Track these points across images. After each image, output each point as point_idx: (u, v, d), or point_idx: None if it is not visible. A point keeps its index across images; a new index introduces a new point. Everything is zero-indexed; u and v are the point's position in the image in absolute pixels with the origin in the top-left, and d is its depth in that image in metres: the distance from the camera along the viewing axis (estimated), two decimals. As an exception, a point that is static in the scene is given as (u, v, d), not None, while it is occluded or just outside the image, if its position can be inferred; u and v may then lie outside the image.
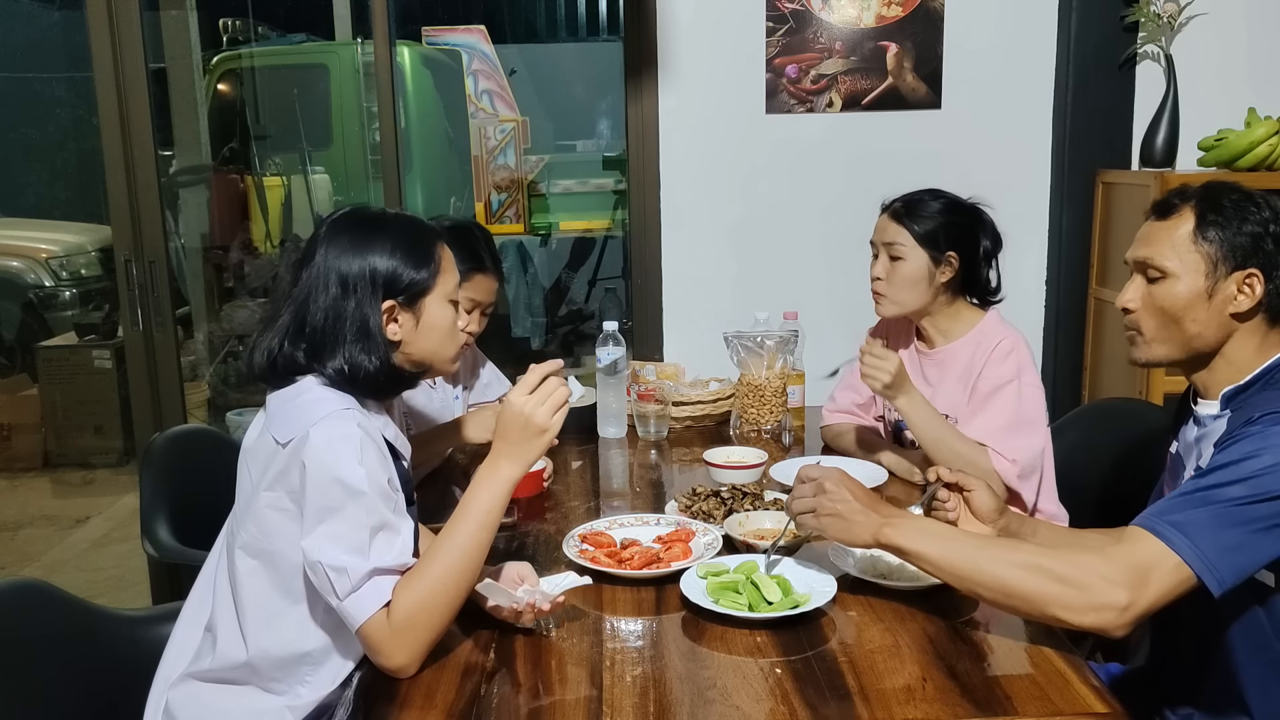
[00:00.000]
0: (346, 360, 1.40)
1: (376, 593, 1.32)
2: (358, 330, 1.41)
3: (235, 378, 5.14)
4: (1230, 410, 1.41)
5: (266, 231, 5.87)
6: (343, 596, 1.31)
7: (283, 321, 1.44)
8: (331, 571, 1.31)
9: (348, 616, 1.33)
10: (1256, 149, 2.60)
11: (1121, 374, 2.80)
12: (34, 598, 1.50)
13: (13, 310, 5.92)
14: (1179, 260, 1.43)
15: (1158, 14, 2.78)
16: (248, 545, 1.44)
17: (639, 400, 2.45)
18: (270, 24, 7.48)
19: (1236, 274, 1.40)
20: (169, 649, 1.55)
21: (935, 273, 2.05)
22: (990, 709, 1.23)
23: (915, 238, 2.04)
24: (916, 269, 2.05)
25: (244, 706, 1.44)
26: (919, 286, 2.06)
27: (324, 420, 1.36)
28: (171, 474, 2.11)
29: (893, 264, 2.07)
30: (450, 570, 1.35)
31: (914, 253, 2.05)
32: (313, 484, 1.33)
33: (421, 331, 1.47)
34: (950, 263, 2.04)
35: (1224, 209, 1.42)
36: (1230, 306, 1.41)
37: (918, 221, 2.05)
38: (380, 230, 1.45)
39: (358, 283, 1.41)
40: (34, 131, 8.36)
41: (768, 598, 1.47)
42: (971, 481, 1.63)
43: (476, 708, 1.28)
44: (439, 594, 1.34)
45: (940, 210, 2.06)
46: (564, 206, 6.61)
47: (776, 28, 2.89)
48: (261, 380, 1.47)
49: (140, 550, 2.08)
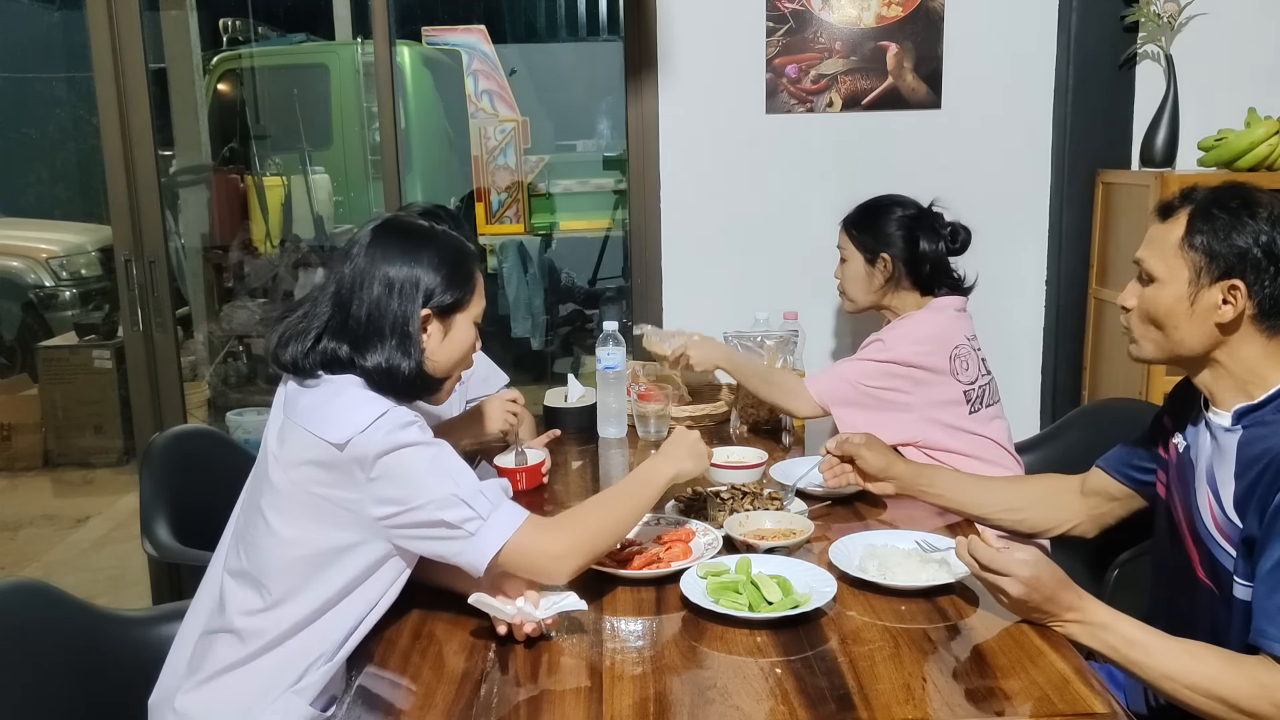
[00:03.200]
0: (386, 359, 1.46)
1: (514, 507, 1.44)
2: (400, 331, 1.47)
3: (235, 378, 5.14)
4: (1243, 428, 1.40)
5: (266, 231, 5.87)
6: (486, 515, 1.40)
7: (322, 314, 1.49)
8: (469, 497, 1.39)
9: (496, 530, 1.40)
10: (1256, 149, 2.60)
11: (1121, 374, 2.80)
12: (34, 598, 1.50)
13: (13, 310, 5.92)
14: (1166, 265, 1.43)
15: (1158, 14, 2.78)
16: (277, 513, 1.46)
17: (639, 400, 2.44)
18: (270, 24, 7.48)
19: (1221, 283, 1.39)
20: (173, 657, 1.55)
21: (872, 271, 2.33)
22: (990, 709, 1.23)
23: (854, 242, 2.36)
24: (856, 270, 2.37)
25: (254, 687, 1.44)
26: (861, 284, 2.36)
27: (384, 418, 1.41)
28: (171, 474, 2.11)
29: (841, 266, 2.40)
30: (607, 502, 1.56)
31: (854, 256, 2.36)
32: (400, 471, 1.39)
33: (446, 345, 1.54)
34: (885, 262, 2.31)
35: (1215, 218, 1.40)
36: (1214, 316, 1.40)
37: (857, 228, 2.36)
38: (429, 242, 1.52)
39: (404, 286, 1.48)
40: (34, 131, 8.36)
41: (768, 598, 1.47)
42: (856, 449, 1.83)
43: (476, 708, 1.28)
44: (596, 511, 1.53)
45: (877, 217, 2.34)
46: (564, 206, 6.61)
47: (776, 28, 2.89)
48: (292, 372, 1.49)
49: (140, 550, 2.08)
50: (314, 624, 1.45)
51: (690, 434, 1.70)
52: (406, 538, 1.43)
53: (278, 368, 1.52)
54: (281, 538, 1.44)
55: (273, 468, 1.45)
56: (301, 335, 1.49)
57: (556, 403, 2.52)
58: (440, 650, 1.42)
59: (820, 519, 1.85)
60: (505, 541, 1.40)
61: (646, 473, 1.61)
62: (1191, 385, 1.53)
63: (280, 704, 1.43)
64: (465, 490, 1.40)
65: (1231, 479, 1.39)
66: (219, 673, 1.46)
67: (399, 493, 1.39)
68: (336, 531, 1.43)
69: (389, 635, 1.48)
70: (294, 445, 1.43)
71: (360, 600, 1.46)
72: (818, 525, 1.78)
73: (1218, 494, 1.42)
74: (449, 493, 1.39)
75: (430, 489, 1.39)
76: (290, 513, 1.44)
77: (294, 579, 1.44)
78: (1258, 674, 1.27)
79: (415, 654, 1.43)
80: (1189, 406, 1.54)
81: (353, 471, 1.39)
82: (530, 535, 1.42)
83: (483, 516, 1.40)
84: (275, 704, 1.43)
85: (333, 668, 1.44)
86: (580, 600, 1.46)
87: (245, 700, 1.44)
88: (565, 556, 1.44)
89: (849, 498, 1.98)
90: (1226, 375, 1.43)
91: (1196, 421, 1.51)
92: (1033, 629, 1.43)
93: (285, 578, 1.44)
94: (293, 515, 1.44)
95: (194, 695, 1.47)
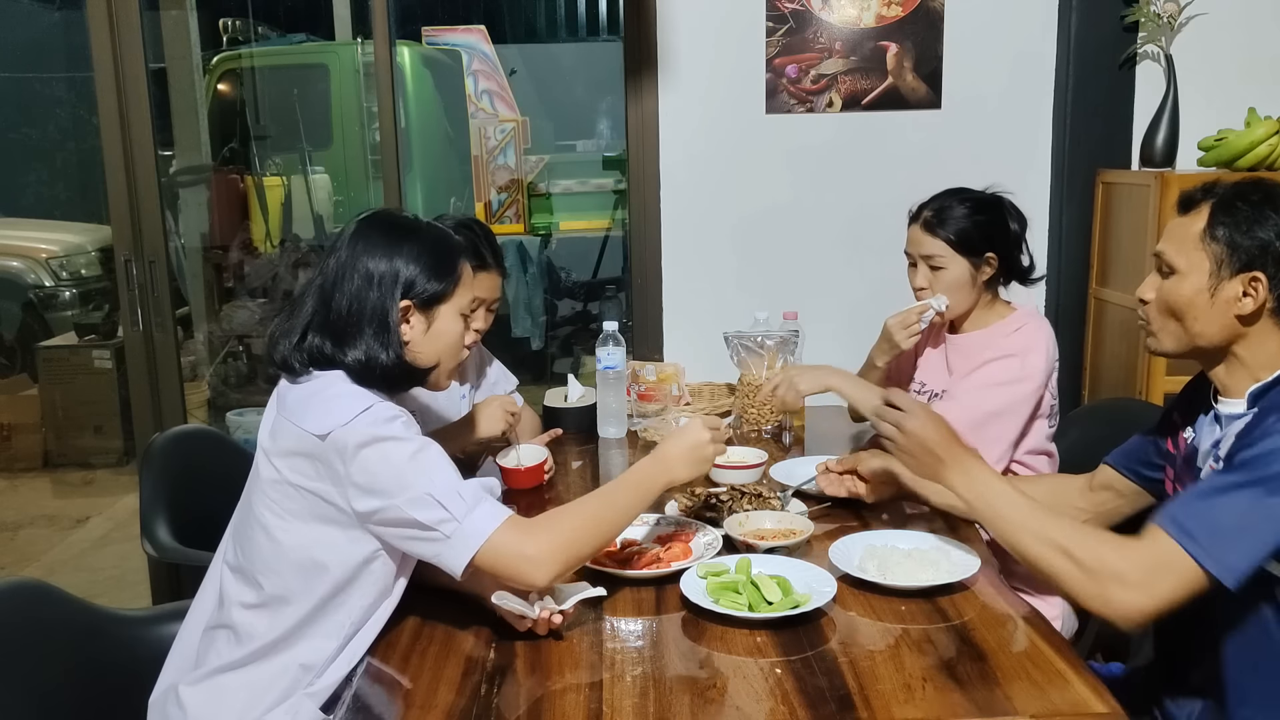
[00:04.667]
0: (365, 351, 1.46)
1: (493, 507, 1.40)
2: (377, 323, 1.47)
3: (235, 378, 5.14)
4: (1257, 408, 1.41)
5: (266, 231, 5.88)
6: (461, 518, 1.37)
7: (308, 309, 1.50)
8: (444, 498, 1.37)
9: (472, 532, 1.37)
10: (1256, 149, 2.60)
11: (1121, 374, 2.80)
12: (34, 598, 1.50)
13: (13, 310, 5.92)
14: (1186, 258, 1.43)
15: (1158, 14, 2.78)
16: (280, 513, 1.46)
17: (639, 400, 2.44)
18: (270, 24, 7.48)
19: (1241, 275, 1.40)
20: (175, 650, 1.55)
21: (977, 274, 2.09)
22: (990, 709, 1.23)
23: (953, 246, 2.07)
24: (959, 275, 2.08)
25: (258, 688, 1.44)
26: (964, 290, 2.10)
27: (367, 412, 1.41)
28: (171, 474, 2.11)
29: (934, 273, 2.10)
30: (593, 506, 1.48)
31: (954, 261, 2.07)
32: (378, 464, 1.38)
33: (430, 337, 1.53)
34: (990, 262, 2.08)
35: (1238, 210, 1.40)
36: (1234, 308, 1.41)
37: (951, 230, 2.06)
38: (412, 235, 1.52)
39: (383, 278, 1.48)
40: (34, 131, 8.36)
41: (768, 598, 1.47)
42: (859, 462, 1.87)
43: (476, 707, 1.28)
44: (580, 514, 1.46)
45: (968, 213, 2.07)
46: (564, 206, 6.61)
47: (776, 28, 2.89)
48: (283, 370, 1.51)
49: (140, 550, 2.08)
50: (313, 624, 1.45)
51: (695, 434, 1.55)
52: (389, 536, 1.43)
53: (273, 367, 1.53)
54: (272, 533, 1.45)
55: (263, 462, 1.47)
56: (289, 333, 1.50)
57: (556, 403, 2.52)
58: (441, 651, 1.42)
59: (820, 519, 1.85)
60: (481, 545, 1.37)
61: (638, 476, 1.52)
62: (1202, 380, 1.53)
63: (289, 705, 1.43)
64: (440, 489, 1.38)
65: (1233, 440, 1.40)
66: (220, 670, 1.47)
67: (376, 486, 1.38)
68: (323, 526, 1.43)
69: (389, 636, 1.48)
70: (283, 439, 1.45)
71: (359, 599, 1.46)
72: (818, 525, 1.78)
73: (1218, 459, 1.42)
74: (423, 491, 1.37)
75: (406, 485, 1.37)
76: (280, 508, 1.45)
77: (286, 575, 1.45)
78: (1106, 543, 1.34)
79: (415, 654, 1.43)
80: (1199, 400, 1.54)
81: (333, 463, 1.39)
82: (508, 537, 1.38)
83: (457, 519, 1.37)
84: (284, 705, 1.43)
85: (341, 668, 1.45)
86: (597, 587, 1.48)
87: (248, 701, 1.44)
88: (542, 562, 1.38)
89: (849, 498, 1.98)
90: (1241, 367, 1.44)
91: (1206, 413, 1.51)
92: (1032, 629, 1.43)
93: (278, 573, 1.45)
94: (282, 510, 1.45)
95: (196, 690, 1.47)
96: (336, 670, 1.45)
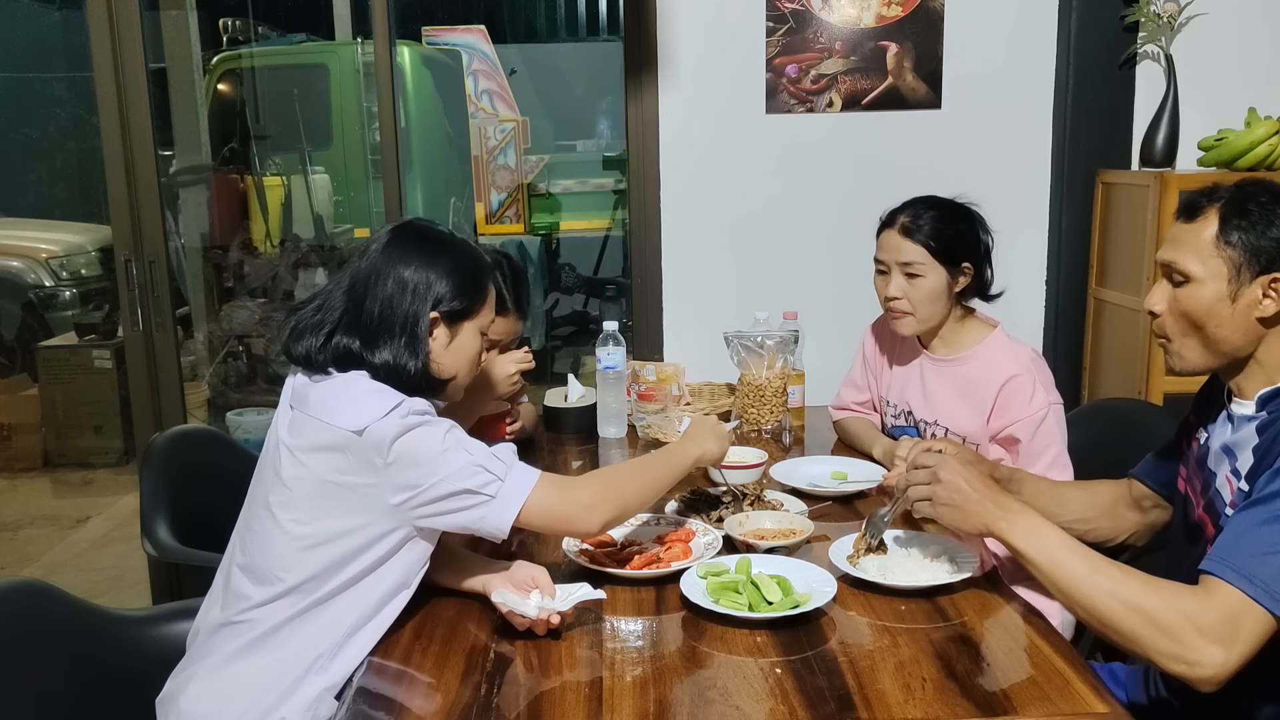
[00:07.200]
0: (394, 356, 1.49)
1: (527, 467, 1.48)
2: (409, 331, 1.50)
3: (235, 377, 5.14)
4: (1266, 413, 1.40)
5: (266, 231, 5.88)
6: (504, 476, 1.44)
7: (335, 308, 1.52)
8: (484, 462, 1.44)
9: (515, 488, 1.44)
10: (1256, 149, 2.60)
11: (1121, 374, 2.80)
12: (34, 598, 1.50)
13: (13, 310, 5.92)
14: (1202, 265, 1.41)
15: (1158, 14, 2.78)
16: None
17: (639, 400, 2.44)
18: (270, 24, 7.49)
19: (1261, 278, 1.38)
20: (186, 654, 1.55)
21: (953, 285, 2.03)
22: (990, 709, 1.23)
23: (933, 254, 2.00)
24: (937, 285, 2.01)
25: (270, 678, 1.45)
26: (940, 301, 2.03)
27: (400, 406, 1.44)
28: (171, 474, 2.11)
29: (910, 282, 2.02)
30: (636, 465, 1.66)
31: (933, 269, 2.00)
32: (418, 449, 1.42)
33: (450, 350, 1.57)
34: (965, 273, 2.03)
35: (1250, 212, 1.39)
36: (1256, 311, 1.39)
37: (932, 237, 2.00)
38: (447, 249, 1.57)
39: (417, 286, 1.51)
40: (34, 131, 8.37)
41: (768, 598, 1.47)
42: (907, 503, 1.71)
43: (476, 707, 1.28)
44: (625, 470, 1.64)
45: (947, 220, 2.02)
46: (564, 206, 6.62)
47: (776, 28, 2.89)
48: (303, 365, 1.52)
49: (140, 550, 2.08)
50: (327, 613, 1.45)
51: (710, 418, 1.79)
52: (427, 515, 1.45)
53: (289, 360, 1.54)
54: (288, 529, 1.45)
55: (285, 458, 1.46)
56: (315, 329, 1.52)
57: (556, 403, 2.52)
58: (441, 650, 1.42)
59: (820, 519, 1.85)
60: (525, 499, 1.44)
61: (668, 449, 1.69)
62: (1215, 382, 1.53)
63: (302, 694, 1.44)
64: (479, 456, 1.45)
65: (1250, 456, 1.39)
66: (229, 660, 1.47)
67: (416, 473, 1.42)
68: (345, 519, 1.44)
69: (390, 635, 1.48)
70: (308, 435, 1.45)
71: (374, 590, 1.47)
72: (818, 525, 1.78)
73: (1237, 473, 1.41)
74: (464, 462, 1.44)
75: (447, 462, 1.43)
76: (299, 503, 1.45)
77: (303, 567, 1.45)
78: (1181, 596, 1.28)
79: (416, 653, 1.43)
80: (1213, 402, 1.54)
81: (370, 457, 1.41)
82: (552, 490, 1.47)
83: (500, 478, 1.44)
84: (297, 694, 1.44)
85: (353, 659, 1.45)
86: (597, 589, 1.48)
87: (260, 690, 1.45)
88: (596, 505, 1.49)
89: (849, 497, 1.98)
90: (1259, 369, 1.43)
91: (1219, 414, 1.51)
92: (1032, 629, 1.43)
93: (293, 567, 1.45)
94: (301, 505, 1.45)
95: (206, 683, 1.47)
96: (349, 658, 1.45)
